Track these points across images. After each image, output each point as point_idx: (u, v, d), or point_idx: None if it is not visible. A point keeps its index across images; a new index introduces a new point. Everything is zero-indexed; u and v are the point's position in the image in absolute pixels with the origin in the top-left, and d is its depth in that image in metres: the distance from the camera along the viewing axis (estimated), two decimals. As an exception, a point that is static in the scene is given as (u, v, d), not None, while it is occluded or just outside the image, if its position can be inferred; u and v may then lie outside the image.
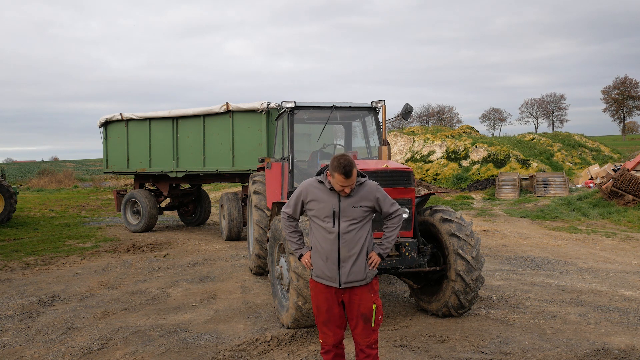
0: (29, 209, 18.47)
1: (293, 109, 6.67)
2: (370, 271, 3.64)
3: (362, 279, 3.60)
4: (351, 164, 3.46)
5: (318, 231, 3.64)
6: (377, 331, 3.66)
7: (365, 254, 3.61)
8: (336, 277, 3.58)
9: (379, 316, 3.63)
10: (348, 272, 3.57)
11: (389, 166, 5.32)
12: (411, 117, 11.47)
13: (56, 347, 5.03)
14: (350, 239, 3.57)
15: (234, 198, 11.68)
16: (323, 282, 3.65)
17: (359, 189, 3.61)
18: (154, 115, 13.05)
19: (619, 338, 5.01)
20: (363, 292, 3.62)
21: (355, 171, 3.50)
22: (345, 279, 3.57)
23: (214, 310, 6.17)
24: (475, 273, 5.38)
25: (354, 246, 3.57)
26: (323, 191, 3.63)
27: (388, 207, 3.70)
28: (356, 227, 3.59)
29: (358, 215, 3.58)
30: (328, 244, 3.58)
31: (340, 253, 3.57)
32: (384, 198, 3.68)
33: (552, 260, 8.97)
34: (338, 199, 3.58)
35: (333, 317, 3.67)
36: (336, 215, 3.57)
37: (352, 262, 3.56)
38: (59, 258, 9.70)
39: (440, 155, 26.10)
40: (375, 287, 3.69)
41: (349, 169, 3.44)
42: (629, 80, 64.57)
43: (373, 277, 3.68)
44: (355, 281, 3.59)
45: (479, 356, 4.60)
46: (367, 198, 3.60)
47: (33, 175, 39.68)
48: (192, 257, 9.66)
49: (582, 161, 24.69)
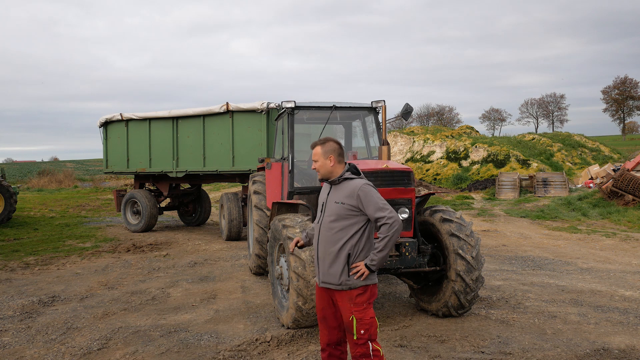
0: (29, 209, 18.46)
1: (293, 109, 6.67)
2: (352, 280, 3.36)
3: (336, 283, 3.39)
4: (323, 139, 3.56)
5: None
6: (366, 346, 3.33)
7: (344, 258, 3.37)
8: (317, 273, 3.55)
9: (361, 330, 3.31)
10: (325, 272, 3.45)
11: (389, 166, 5.32)
12: (411, 117, 11.46)
13: (56, 347, 5.03)
14: (328, 237, 3.43)
15: (234, 198, 11.68)
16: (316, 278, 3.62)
17: (346, 184, 3.47)
18: (154, 115, 13.05)
19: (619, 338, 5.01)
20: (342, 300, 3.41)
21: (318, 149, 3.52)
22: (322, 277, 3.48)
23: (214, 310, 6.17)
24: (475, 273, 5.38)
25: (332, 245, 3.41)
26: (325, 187, 3.65)
27: (372, 212, 3.35)
28: (337, 226, 3.41)
29: (340, 213, 3.41)
30: (315, 239, 3.58)
31: (318, 250, 3.50)
32: (368, 199, 3.36)
33: (552, 260, 8.97)
34: (328, 193, 3.56)
35: (327, 315, 3.55)
36: (323, 210, 3.54)
37: (329, 262, 3.42)
38: (59, 258, 9.70)
39: (440, 156, 26.10)
40: (357, 299, 3.36)
41: (315, 142, 3.56)
42: (629, 80, 64.63)
43: (356, 287, 3.37)
44: (330, 283, 3.44)
45: (479, 356, 4.60)
46: (349, 194, 3.41)
47: (33, 175, 39.66)
48: (192, 257, 9.66)
49: (582, 161, 24.70)
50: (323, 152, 3.54)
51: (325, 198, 3.56)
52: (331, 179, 3.54)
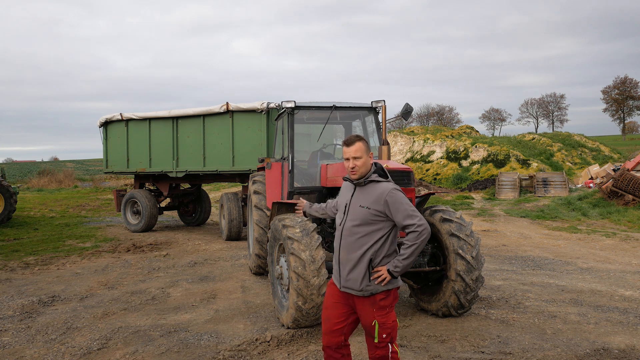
0: (29, 209, 18.46)
1: (293, 109, 6.67)
2: (373, 285, 3.24)
3: (358, 289, 3.26)
4: (356, 136, 3.33)
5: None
6: (386, 349, 3.25)
7: (367, 264, 3.24)
8: (337, 277, 3.39)
9: (383, 334, 3.22)
10: (345, 277, 3.31)
11: (389, 166, 5.32)
12: (411, 117, 11.48)
13: (56, 347, 5.03)
14: (350, 242, 3.28)
15: (234, 198, 11.68)
16: (333, 278, 3.47)
17: (373, 187, 3.30)
18: (154, 115, 13.06)
19: (619, 338, 5.01)
20: (364, 305, 3.28)
21: (360, 144, 3.28)
22: (343, 282, 3.34)
23: (214, 310, 6.17)
24: (475, 273, 5.38)
25: (354, 251, 3.27)
26: (348, 186, 3.48)
27: (401, 219, 3.22)
28: (360, 231, 3.25)
29: (364, 218, 3.24)
30: (335, 240, 3.41)
31: (340, 254, 3.35)
32: (397, 205, 3.22)
33: (552, 260, 8.97)
34: (352, 195, 3.36)
35: (331, 316, 3.39)
36: (346, 212, 3.35)
37: (350, 268, 3.28)
38: (59, 258, 9.70)
39: (440, 155, 26.10)
40: (380, 303, 3.26)
41: (350, 139, 3.30)
42: (629, 80, 64.63)
43: (377, 292, 3.26)
44: (351, 289, 3.30)
45: (479, 356, 4.60)
46: (376, 199, 3.23)
47: (33, 175, 39.67)
48: (192, 257, 9.66)
49: (582, 161, 24.71)
50: (366, 149, 3.32)
51: (349, 200, 3.35)
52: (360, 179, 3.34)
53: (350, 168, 3.29)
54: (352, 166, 3.28)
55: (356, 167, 3.27)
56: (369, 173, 3.33)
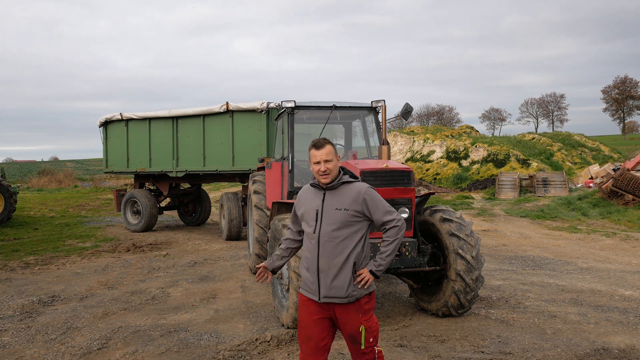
0: (29, 208, 18.46)
1: (293, 108, 6.67)
2: (358, 289, 3.17)
3: (344, 296, 3.14)
4: (324, 139, 3.23)
5: (305, 239, 3.30)
6: (373, 352, 3.22)
7: (350, 268, 3.15)
8: (316, 289, 3.19)
9: (370, 338, 3.17)
10: (328, 286, 3.15)
11: (389, 166, 5.32)
12: (411, 116, 11.47)
13: (56, 347, 5.03)
14: (331, 248, 3.15)
15: (234, 198, 11.69)
16: (305, 293, 3.27)
17: (346, 189, 3.23)
18: (154, 115, 13.06)
19: (619, 338, 5.01)
20: (348, 312, 3.17)
21: (330, 147, 3.20)
22: (324, 292, 3.16)
23: (214, 310, 6.17)
24: (475, 273, 5.38)
25: (336, 256, 3.15)
26: (312, 193, 3.31)
27: (380, 215, 3.21)
28: (340, 235, 3.15)
29: (343, 220, 3.16)
30: (309, 251, 3.23)
31: (319, 262, 3.17)
32: (375, 203, 3.21)
33: (552, 260, 8.97)
34: (322, 199, 3.23)
35: (313, 335, 3.22)
36: (318, 218, 3.20)
37: (334, 275, 3.14)
38: (59, 258, 9.70)
39: (440, 155, 26.10)
40: (365, 307, 3.21)
41: (320, 142, 3.20)
42: (629, 79, 64.62)
43: (362, 296, 3.20)
44: (335, 297, 3.15)
45: (479, 356, 4.60)
46: (353, 200, 3.18)
47: (33, 175, 39.66)
48: (192, 257, 9.66)
49: (582, 161, 24.71)
50: (335, 151, 3.23)
51: (320, 205, 3.22)
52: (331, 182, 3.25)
53: (321, 172, 3.18)
54: (323, 169, 3.17)
55: (328, 170, 3.18)
56: (340, 175, 3.26)
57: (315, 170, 3.21)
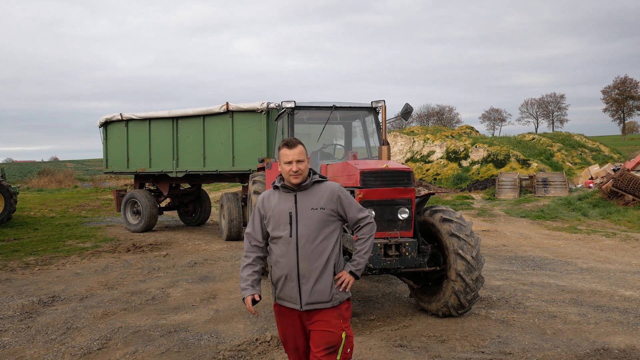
0: (29, 209, 18.47)
1: (293, 109, 6.67)
2: (339, 293, 3.09)
3: (327, 300, 3.05)
4: (296, 139, 3.16)
5: (277, 245, 3.12)
6: None
7: (332, 270, 3.07)
8: (297, 297, 3.05)
9: (347, 349, 3.05)
10: (310, 291, 3.03)
11: (389, 166, 5.32)
12: (411, 117, 11.47)
13: (56, 347, 5.03)
14: (311, 250, 3.04)
15: (234, 198, 11.69)
16: (285, 304, 3.13)
17: (318, 188, 3.15)
18: (154, 115, 13.07)
19: (619, 338, 5.01)
20: (330, 317, 3.05)
21: (302, 147, 3.11)
22: (307, 298, 3.04)
23: (214, 310, 6.17)
24: (475, 273, 5.38)
25: (316, 259, 3.04)
26: (278, 196, 3.18)
27: (355, 213, 3.17)
28: (320, 236, 3.06)
29: (321, 220, 3.07)
30: (286, 257, 3.07)
31: (299, 267, 3.04)
32: (349, 200, 3.17)
33: (552, 260, 8.97)
34: (294, 201, 3.11)
35: (300, 344, 3.16)
36: (293, 220, 3.07)
37: (315, 279, 3.03)
38: (59, 258, 9.70)
39: (440, 155, 26.11)
40: (346, 313, 3.13)
41: (292, 141, 3.11)
42: (629, 80, 64.60)
43: (343, 301, 3.12)
44: (318, 302, 3.04)
45: (479, 356, 4.60)
46: (327, 198, 3.10)
47: (33, 175, 39.68)
48: (192, 257, 9.66)
49: (582, 161, 24.70)
50: (306, 151, 3.16)
51: (294, 207, 3.10)
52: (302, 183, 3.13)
53: (293, 172, 3.07)
54: (295, 169, 3.06)
55: (299, 170, 3.07)
56: (312, 175, 3.18)
57: (287, 170, 3.10)
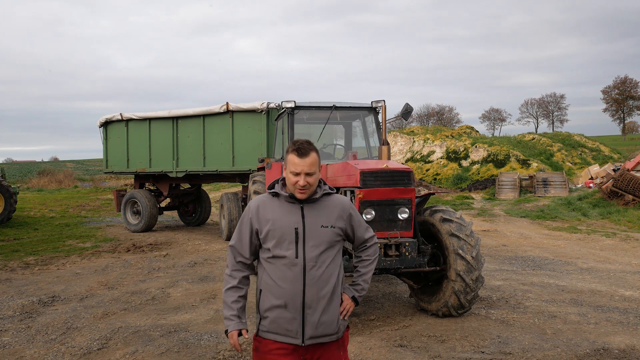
0: (29, 209, 18.47)
1: (293, 109, 6.68)
2: (343, 322, 2.67)
3: (334, 332, 2.60)
4: (309, 143, 2.57)
5: (275, 266, 2.59)
6: None
7: (339, 298, 2.64)
8: (299, 329, 2.54)
9: None
10: (317, 323, 2.55)
11: (389, 166, 5.32)
12: (411, 117, 11.48)
13: (56, 347, 5.03)
14: (320, 275, 2.55)
15: (234, 198, 11.69)
16: (277, 338, 2.57)
17: (328, 201, 2.66)
18: (154, 115, 13.07)
19: (619, 338, 5.01)
20: (332, 352, 2.62)
21: (315, 156, 2.55)
22: (312, 332, 2.54)
23: (214, 310, 6.17)
24: (475, 273, 5.38)
25: (325, 284, 2.56)
26: (280, 205, 2.63)
27: (363, 232, 2.76)
28: (327, 259, 2.58)
29: (330, 240, 2.59)
30: (289, 282, 2.54)
31: (305, 295, 2.53)
32: (359, 218, 2.75)
33: (552, 260, 8.97)
34: (301, 215, 2.59)
35: None
36: (300, 238, 2.55)
37: (323, 309, 2.55)
38: (59, 258, 9.70)
39: (440, 155, 26.11)
40: (345, 343, 2.71)
41: (304, 148, 2.54)
42: (629, 80, 64.63)
43: (344, 330, 2.71)
44: (324, 335, 2.57)
45: (479, 356, 4.60)
46: (338, 215, 2.64)
47: (33, 175, 39.69)
48: (192, 257, 9.66)
49: (582, 161, 24.70)
50: (319, 160, 2.61)
51: (301, 222, 2.57)
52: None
53: (300, 186, 2.53)
54: (303, 184, 2.52)
55: (308, 184, 2.54)
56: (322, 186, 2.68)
57: (292, 181, 2.55)
